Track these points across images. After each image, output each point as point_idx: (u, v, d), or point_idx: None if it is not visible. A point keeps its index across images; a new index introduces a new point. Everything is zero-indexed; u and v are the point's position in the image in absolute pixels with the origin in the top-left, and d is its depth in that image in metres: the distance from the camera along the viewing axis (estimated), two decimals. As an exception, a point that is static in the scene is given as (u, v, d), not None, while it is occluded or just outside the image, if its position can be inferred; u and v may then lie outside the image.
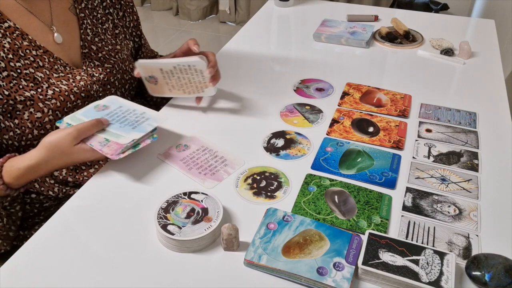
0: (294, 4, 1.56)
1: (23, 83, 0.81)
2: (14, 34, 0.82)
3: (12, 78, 0.80)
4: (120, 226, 0.71)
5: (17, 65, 0.81)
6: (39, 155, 0.75)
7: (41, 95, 0.83)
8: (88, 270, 0.64)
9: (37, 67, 0.84)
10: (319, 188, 0.78)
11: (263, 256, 0.65)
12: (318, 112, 1.00)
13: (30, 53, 0.83)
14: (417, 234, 0.70)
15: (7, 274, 0.64)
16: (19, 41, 0.82)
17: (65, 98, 0.85)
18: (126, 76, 0.99)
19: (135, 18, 1.08)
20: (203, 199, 0.73)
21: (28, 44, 0.83)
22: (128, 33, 1.07)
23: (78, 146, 0.76)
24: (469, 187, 0.79)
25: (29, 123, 0.82)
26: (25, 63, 0.82)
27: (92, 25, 0.95)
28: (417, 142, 0.90)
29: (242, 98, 1.04)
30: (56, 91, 0.84)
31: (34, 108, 0.82)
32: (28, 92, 0.81)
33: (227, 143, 0.90)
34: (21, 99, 0.81)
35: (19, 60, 0.81)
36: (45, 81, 0.84)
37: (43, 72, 0.84)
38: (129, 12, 1.06)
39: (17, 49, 0.81)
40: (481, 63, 1.20)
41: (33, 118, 0.82)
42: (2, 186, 0.76)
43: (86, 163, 0.90)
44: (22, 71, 0.81)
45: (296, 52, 1.28)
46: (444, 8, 2.76)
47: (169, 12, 3.54)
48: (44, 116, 0.83)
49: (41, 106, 0.82)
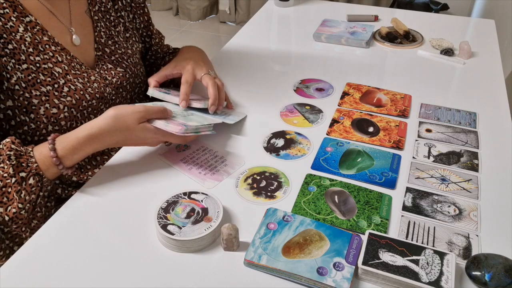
0: (294, 4, 1.56)
1: (41, 77, 0.82)
2: (35, 29, 0.83)
3: (31, 71, 0.81)
4: (120, 226, 0.71)
5: (36, 59, 0.82)
6: (102, 124, 0.76)
7: (56, 92, 0.83)
8: (88, 270, 0.64)
9: (56, 62, 0.85)
10: (319, 188, 0.78)
11: (263, 256, 0.65)
12: (318, 112, 1.00)
13: (49, 48, 0.84)
14: (417, 234, 0.70)
15: (7, 274, 0.64)
16: (39, 36, 0.83)
17: (80, 97, 0.86)
18: (137, 80, 1.01)
19: (145, 19, 1.09)
20: (203, 199, 0.73)
21: (47, 39, 0.84)
22: (138, 34, 1.08)
23: (142, 125, 0.78)
24: (469, 187, 0.79)
25: (44, 118, 0.82)
26: (44, 58, 0.83)
27: (105, 27, 0.96)
28: (417, 142, 0.90)
29: (242, 98, 1.04)
30: (71, 88, 0.85)
31: (50, 104, 0.82)
32: (45, 88, 0.82)
33: (227, 143, 0.90)
34: (37, 94, 0.81)
35: (39, 54, 0.82)
36: (62, 77, 0.85)
37: (61, 67, 0.85)
38: (139, 13, 1.07)
39: (37, 43, 0.82)
40: (481, 63, 1.20)
41: (49, 114, 0.82)
42: (55, 159, 0.73)
43: (92, 162, 0.90)
44: (41, 65, 0.82)
45: (296, 52, 1.28)
46: (444, 8, 2.76)
47: (169, 12, 3.55)
48: (60, 112, 0.83)
49: (56, 102, 0.83)
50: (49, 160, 0.74)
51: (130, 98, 1.00)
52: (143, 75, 1.04)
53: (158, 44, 1.15)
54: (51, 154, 0.73)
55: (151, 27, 1.11)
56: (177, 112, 0.86)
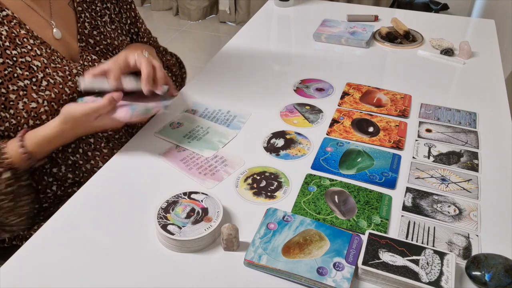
0: (294, 4, 1.56)
1: (18, 71, 0.81)
2: (12, 23, 0.82)
3: (7, 66, 0.80)
4: (120, 226, 0.71)
5: (13, 53, 0.81)
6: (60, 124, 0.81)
7: (34, 86, 0.82)
8: (88, 270, 0.64)
9: (35, 55, 0.84)
10: (319, 188, 0.78)
11: (263, 256, 0.65)
12: (318, 112, 1.00)
13: (27, 42, 0.83)
14: (417, 234, 0.70)
15: (7, 274, 0.64)
16: (16, 30, 0.82)
17: (59, 91, 0.85)
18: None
19: (133, 15, 1.09)
20: (203, 199, 0.73)
21: (25, 33, 0.83)
22: (126, 29, 1.07)
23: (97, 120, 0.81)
24: (469, 187, 0.79)
25: (24, 113, 0.82)
26: (21, 51, 0.82)
27: (91, 18, 0.96)
28: (417, 142, 0.90)
29: (242, 98, 1.04)
30: (50, 82, 0.84)
31: (28, 98, 0.82)
32: (22, 82, 0.81)
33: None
34: (14, 89, 0.80)
35: (16, 48, 0.82)
36: (40, 71, 0.84)
37: (40, 61, 0.84)
38: (126, 9, 1.07)
39: (14, 37, 0.82)
40: (481, 63, 1.20)
41: (28, 108, 0.82)
42: (25, 155, 0.78)
43: (84, 157, 0.90)
44: (18, 59, 0.81)
45: (296, 52, 1.28)
46: (444, 8, 2.77)
47: (169, 12, 3.54)
48: (40, 106, 0.83)
49: (35, 96, 0.82)
50: (20, 155, 0.79)
51: None
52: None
53: (144, 43, 1.13)
54: (21, 151, 0.79)
55: (138, 24, 1.10)
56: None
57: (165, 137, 0.91)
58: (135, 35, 1.10)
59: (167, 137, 0.90)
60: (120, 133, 0.97)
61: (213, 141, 0.89)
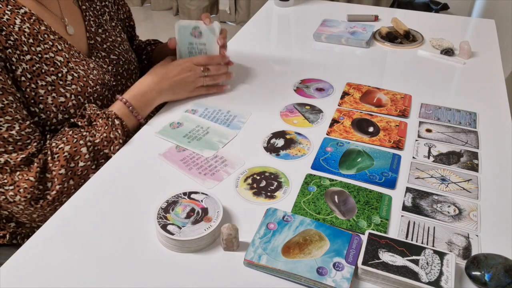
0: (294, 4, 1.56)
1: (44, 67, 0.83)
2: (31, 20, 0.83)
3: (34, 62, 0.82)
4: (120, 226, 0.71)
5: (37, 49, 0.82)
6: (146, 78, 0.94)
7: (61, 81, 0.85)
8: (88, 270, 0.64)
9: (56, 51, 0.86)
10: (319, 188, 0.78)
11: (263, 256, 0.65)
12: (318, 112, 1.00)
13: (48, 38, 0.85)
14: (417, 234, 0.70)
15: (7, 274, 0.64)
16: (37, 26, 0.84)
17: (84, 84, 0.88)
18: (131, 66, 1.04)
19: (127, 9, 1.13)
20: (203, 199, 0.73)
21: (45, 29, 0.85)
22: (124, 25, 1.11)
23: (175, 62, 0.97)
24: (469, 187, 0.79)
25: (53, 107, 0.83)
26: (45, 48, 0.84)
27: (94, 16, 0.98)
28: (417, 142, 0.90)
29: (242, 98, 1.04)
30: (75, 76, 0.87)
31: (56, 93, 0.84)
32: (49, 77, 0.83)
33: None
34: (43, 84, 0.82)
35: (39, 44, 0.83)
36: (64, 66, 0.86)
37: (62, 56, 0.86)
38: (121, 5, 1.11)
39: (36, 33, 0.83)
40: (481, 63, 1.20)
41: (57, 103, 0.84)
42: (130, 109, 0.89)
43: None
44: (43, 55, 0.83)
45: (296, 52, 1.28)
46: (444, 8, 2.76)
47: (169, 12, 3.54)
48: (68, 100, 0.85)
49: (62, 91, 0.84)
50: (126, 111, 0.90)
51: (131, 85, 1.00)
52: (136, 61, 1.07)
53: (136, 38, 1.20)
54: (126, 105, 0.90)
55: (132, 17, 1.15)
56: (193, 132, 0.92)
57: (165, 137, 0.91)
58: (130, 27, 1.14)
59: (167, 137, 0.90)
60: None
61: (213, 141, 0.89)
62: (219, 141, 0.89)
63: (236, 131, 0.93)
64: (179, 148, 0.88)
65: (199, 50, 1.02)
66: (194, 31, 0.99)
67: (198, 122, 0.95)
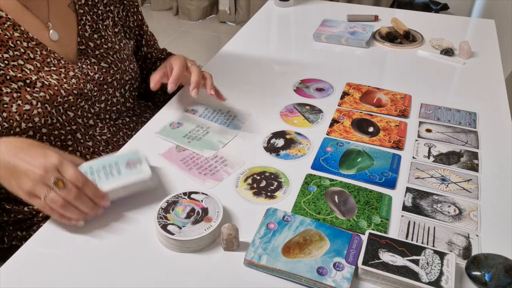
0: (294, 4, 1.56)
1: (10, 73, 0.80)
2: (5, 25, 0.81)
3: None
4: (120, 226, 0.71)
5: (4, 56, 0.80)
6: None
7: (28, 87, 0.82)
8: (88, 270, 0.64)
9: (28, 59, 0.83)
10: (319, 188, 0.78)
11: (263, 256, 0.64)
12: (318, 112, 1.00)
13: (20, 45, 0.83)
14: (417, 234, 0.70)
15: (7, 274, 0.64)
16: (9, 32, 0.82)
17: (54, 92, 0.84)
18: (126, 76, 0.98)
19: (139, 18, 1.08)
20: (203, 199, 0.73)
21: (19, 35, 0.83)
22: (132, 32, 1.07)
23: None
24: (469, 187, 0.79)
25: (17, 116, 0.80)
26: (14, 54, 0.82)
27: (92, 21, 0.95)
28: (417, 142, 0.90)
29: (242, 98, 1.04)
30: (45, 84, 0.83)
31: (22, 100, 0.81)
32: (16, 84, 0.81)
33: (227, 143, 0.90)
34: (7, 91, 0.80)
35: (8, 51, 0.81)
36: (34, 74, 0.83)
37: (33, 65, 0.83)
38: (133, 12, 1.06)
39: (6, 39, 0.81)
40: (481, 63, 1.20)
41: (21, 111, 0.81)
42: None
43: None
44: (9, 62, 0.81)
45: (296, 52, 1.28)
46: (444, 8, 2.76)
47: (169, 12, 3.54)
48: (33, 108, 0.82)
49: (29, 98, 0.81)
50: None
51: (121, 95, 0.98)
52: (134, 71, 1.01)
53: (150, 46, 1.13)
54: None
55: (144, 28, 1.11)
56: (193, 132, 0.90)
57: (165, 137, 0.91)
58: (139, 36, 1.10)
59: (167, 137, 0.90)
60: (118, 136, 0.97)
61: (213, 141, 0.89)
62: (219, 141, 0.89)
63: (236, 131, 0.93)
64: (179, 148, 0.88)
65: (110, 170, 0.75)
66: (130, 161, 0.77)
67: (198, 122, 0.95)
